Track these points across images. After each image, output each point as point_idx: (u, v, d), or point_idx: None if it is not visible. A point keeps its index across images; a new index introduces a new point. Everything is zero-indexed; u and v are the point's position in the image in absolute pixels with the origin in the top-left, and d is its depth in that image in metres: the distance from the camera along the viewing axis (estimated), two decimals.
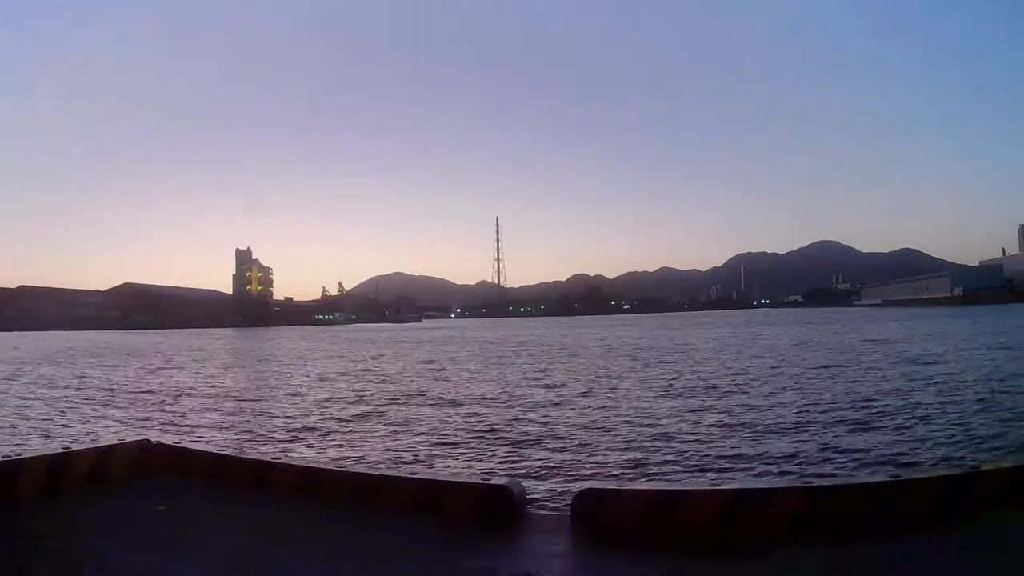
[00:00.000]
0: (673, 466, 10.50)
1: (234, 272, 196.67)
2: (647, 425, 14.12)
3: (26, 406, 20.07)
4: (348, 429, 15.11)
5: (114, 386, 26.20)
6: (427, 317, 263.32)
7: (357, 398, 20.92)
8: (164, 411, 18.87)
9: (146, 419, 17.41)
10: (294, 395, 22.31)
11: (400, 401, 19.86)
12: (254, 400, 21.26)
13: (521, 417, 15.97)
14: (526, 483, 7.41)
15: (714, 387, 20.48)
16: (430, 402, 19.44)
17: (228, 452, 8.47)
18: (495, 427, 14.65)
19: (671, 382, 22.38)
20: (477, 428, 14.66)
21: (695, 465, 10.50)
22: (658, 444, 12.11)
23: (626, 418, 15.24)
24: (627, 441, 12.52)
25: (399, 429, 14.88)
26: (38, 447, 12.42)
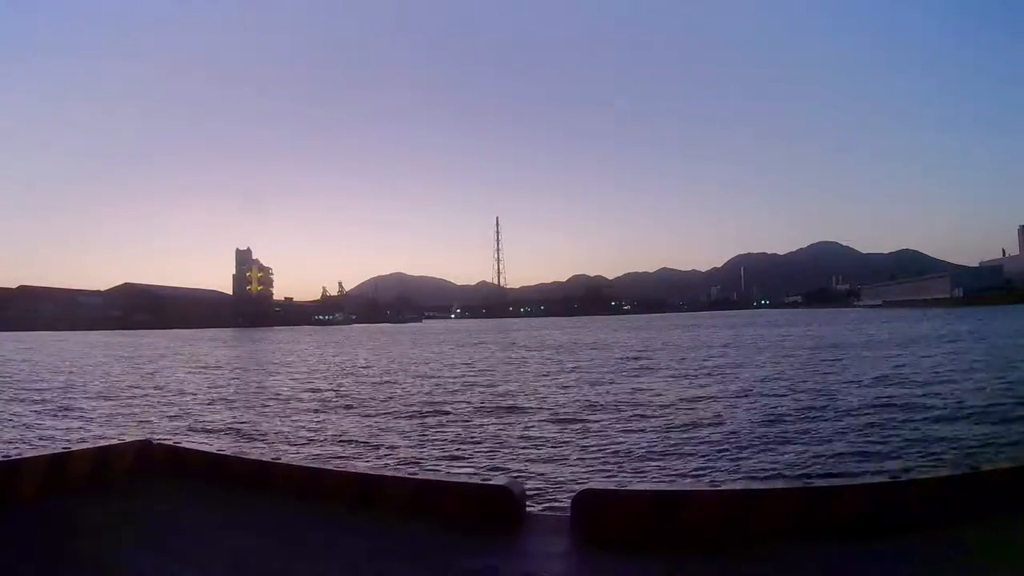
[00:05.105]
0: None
1: (234, 272, 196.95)
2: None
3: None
4: (348, 429, 15.10)
5: (114, 385, 26.19)
6: (427, 317, 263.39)
7: (357, 398, 20.91)
8: (164, 411, 18.87)
9: (146, 419, 17.40)
10: (293, 395, 22.30)
11: (402, 401, 19.85)
12: (254, 401, 21.25)
13: (523, 417, 15.97)
14: (526, 483, 7.41)
15: None
16: (431, 402, 19.44)
17: (228, 452, 8.46)
18: (496, 428, 14.65)
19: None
20: (478, 428, 14.66)
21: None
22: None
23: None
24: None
25: (399, 429, 14.87)
26: (38, 447, 12.42)
